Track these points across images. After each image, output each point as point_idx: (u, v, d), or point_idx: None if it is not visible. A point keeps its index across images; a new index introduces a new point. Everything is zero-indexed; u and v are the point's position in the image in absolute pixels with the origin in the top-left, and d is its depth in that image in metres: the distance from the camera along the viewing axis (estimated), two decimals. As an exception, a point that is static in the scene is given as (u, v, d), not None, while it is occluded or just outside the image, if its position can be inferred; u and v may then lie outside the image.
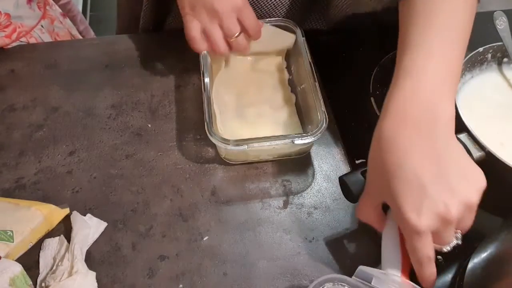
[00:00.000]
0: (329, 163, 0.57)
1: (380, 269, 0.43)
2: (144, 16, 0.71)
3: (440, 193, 0.37)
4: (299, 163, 0.57)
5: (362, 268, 0.43)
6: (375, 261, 0.49)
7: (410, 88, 0.41)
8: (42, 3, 0.75)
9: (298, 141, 0.51)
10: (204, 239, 0.50)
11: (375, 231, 0.51)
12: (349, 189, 0.45)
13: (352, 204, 0.53)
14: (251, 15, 0.54)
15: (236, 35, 0.54)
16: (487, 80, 0.64)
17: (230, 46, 0.55)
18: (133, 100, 0.63)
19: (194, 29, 0.54)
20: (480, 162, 0.51)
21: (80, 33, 0.93)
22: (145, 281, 0.47)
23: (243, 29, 0.54)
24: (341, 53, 0.70)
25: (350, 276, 0.48)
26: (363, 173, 0.46)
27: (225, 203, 0.53)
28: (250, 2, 0.56)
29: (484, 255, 0.45)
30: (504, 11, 0.65)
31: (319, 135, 0.50)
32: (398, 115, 0.40)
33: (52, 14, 0.78)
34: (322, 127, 0.51)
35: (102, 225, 0.51)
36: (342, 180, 0.47)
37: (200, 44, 0.55)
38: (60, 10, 0.82)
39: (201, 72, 0.56)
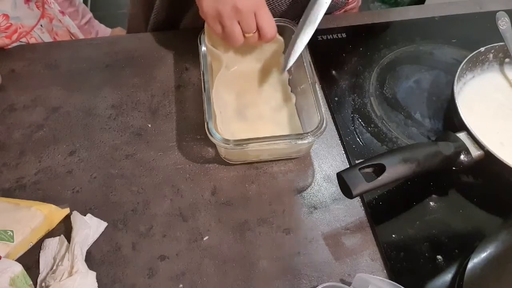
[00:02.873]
0: (329, 163, 0.57)
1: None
2: (155, 17, 0.71)
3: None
4: (299, 163, 0.57)
5: (360, 275, 0.43)
6: (375, 261, 0.49)
7: None
8: (41, 2, 0.75)
9: (298, 141, 0.51)
10: (204, 239, 0.50)
11: (374, 231, 0.51)
12: (346, 185, 0.45)
13: (352, 204, 0.53)
14: (266, 16, 0.55)
15: (254, 31, 0.55)
16: (489, 80, 0.64)
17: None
18: (133, 100, 0.63)
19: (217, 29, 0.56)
20: (479, 161, 0.51)
21: (84, 25, 0.93)
22: (145, 281, 0.47)
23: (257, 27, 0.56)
24: (341, 53, 0.70)
25: (350, 275, 0.48)
26: (361, 170, 0.46)
27: (225, 203, 0.53)
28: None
29: (484, 255, 0.45)
30: (506, 11, 0.65)
31: (319, 135, 0.50)
32: None
33: (50, 13, 0.77)
34: (322, 127, 0.51)
35: (102, 225, 0.51)
36: (340, 176, 0.47)
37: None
38: (59, 8, 0.82)
39: (201, 72, 0.57)
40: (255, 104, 0.61)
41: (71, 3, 0.96)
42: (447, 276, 0.47)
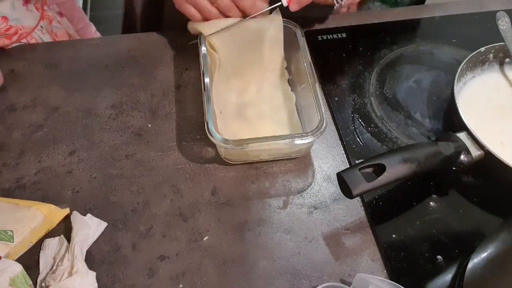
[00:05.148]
0: (329, 163, 0.57)
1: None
2: (141, 15, 0.72)
3: None
4: (299, 163, 0.57)
5: (361, 275, 0.43)
6: (375, 261, 0.49)
7: None
8: (40, 3, 0.75)
9: (298, 141, 0.51)
10: (204, 239, 0.50)
11: (374, 231, 0.51)
12: (346, 185, 0.45)
13: (352, 204, 0.53)
14: None
15: None
16: (489, 80, 0.64)
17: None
18: (133, 100, 0.63)
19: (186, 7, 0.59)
20: (479, 161, 0.51)
21: (79, 30, 0.93)
22: (145, 281, 0.47)
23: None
24: (341, 53, 0.70)
25: (350, 275, 0.48)
26: (361, 170, 0.46)
27: (225, 203, 0.53)
28: None
29: (484, 255, 0.45)
30: (506, 11, 0.65)
31: (319, 135, 0.50)
32: None
33: (50, 14, 0.77)
34: (322, 127, 0.51)
35: (102, 225, 0.51)
36: (340, 176, 0.47)
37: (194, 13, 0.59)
38: (57, 9, 0.82)
39: (201, 72, 0.57)
40: (255, 104, 0.61)
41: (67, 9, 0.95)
42: (447, 276, 0.47)
